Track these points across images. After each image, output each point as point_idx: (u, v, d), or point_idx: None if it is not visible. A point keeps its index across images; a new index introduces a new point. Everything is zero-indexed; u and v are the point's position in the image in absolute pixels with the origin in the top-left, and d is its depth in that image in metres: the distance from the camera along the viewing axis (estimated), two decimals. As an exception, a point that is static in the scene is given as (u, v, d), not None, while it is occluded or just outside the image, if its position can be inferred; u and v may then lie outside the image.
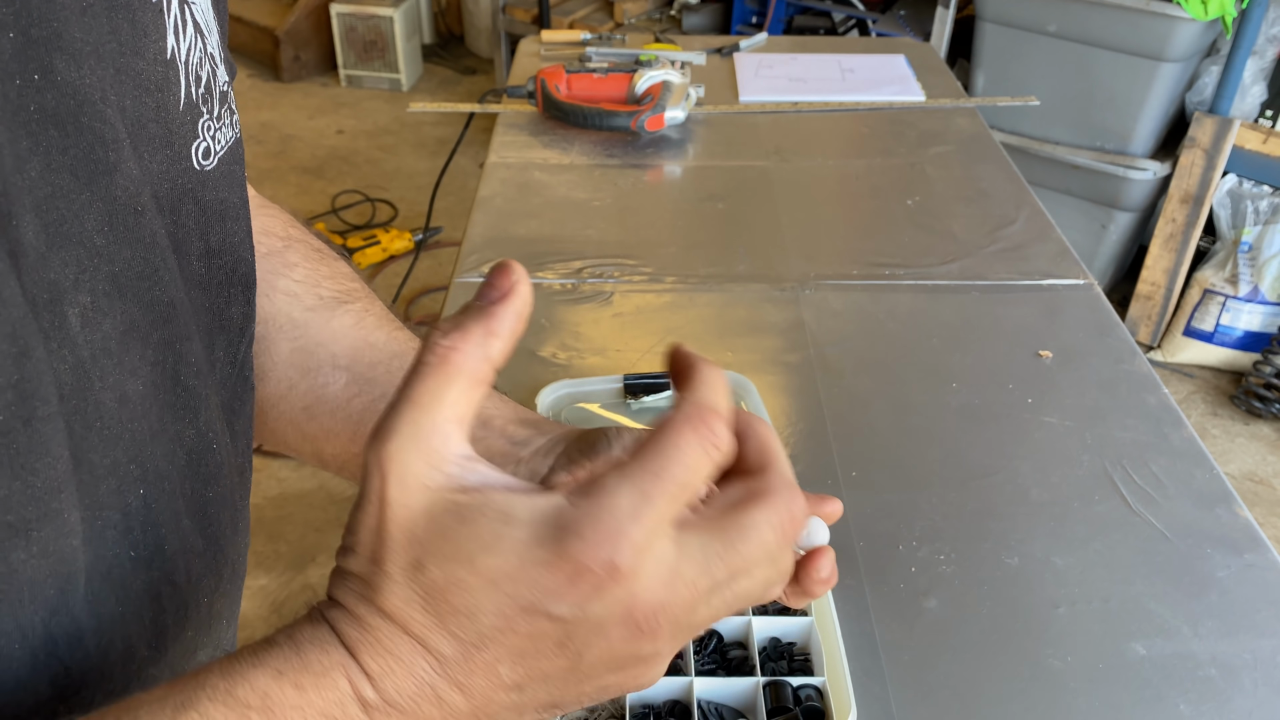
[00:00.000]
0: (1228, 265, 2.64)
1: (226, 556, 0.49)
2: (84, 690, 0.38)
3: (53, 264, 0.34)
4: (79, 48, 0.34)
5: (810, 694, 0.72)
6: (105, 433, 0.38)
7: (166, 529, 0.42)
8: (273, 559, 2.13)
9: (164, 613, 0.43)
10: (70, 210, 0.35)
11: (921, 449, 0.98)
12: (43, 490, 0.33)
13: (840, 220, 1.42)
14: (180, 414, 0.43)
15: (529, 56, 1.89)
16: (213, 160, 0.44)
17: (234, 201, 0.47)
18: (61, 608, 0.36)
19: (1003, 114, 2.78)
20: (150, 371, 0.40)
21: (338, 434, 0.59)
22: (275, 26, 4.26)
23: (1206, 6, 2.40)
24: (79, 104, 0.34)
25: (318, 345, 0.59)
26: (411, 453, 0.34)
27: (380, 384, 0.58)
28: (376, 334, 0.60)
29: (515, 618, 0.33)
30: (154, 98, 0.39)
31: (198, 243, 0.44)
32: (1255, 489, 2.39)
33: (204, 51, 0.43)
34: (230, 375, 0.49)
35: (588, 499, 0.34)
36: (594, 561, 0.33)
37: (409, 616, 0.34)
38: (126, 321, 0.38)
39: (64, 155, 0.34)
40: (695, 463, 0.35)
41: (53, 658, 0.36)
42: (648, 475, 0.34)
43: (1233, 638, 0.80)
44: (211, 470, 0.46)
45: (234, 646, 0.56)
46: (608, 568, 0.33)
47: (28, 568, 0.34)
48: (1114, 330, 1.16)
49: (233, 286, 0.48)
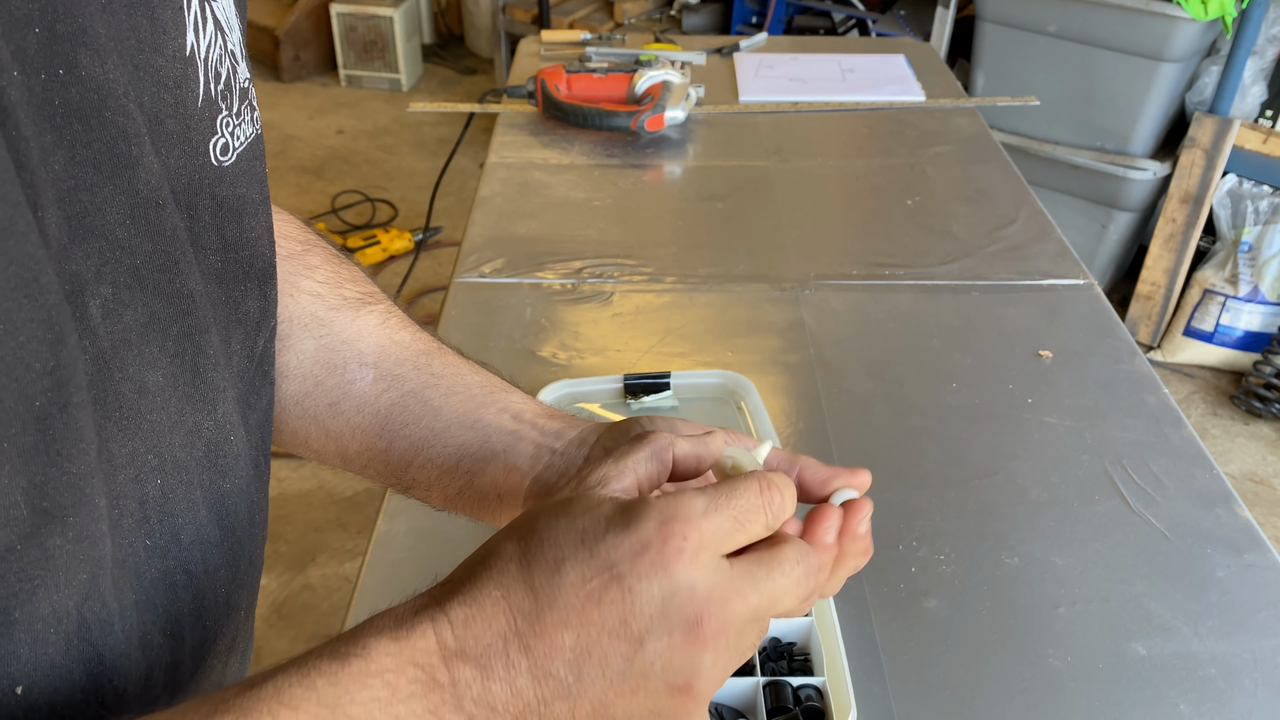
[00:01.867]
0: (1228, 265, 2.64)
1: (243, 548, 0.49)
2: (115, 677, 0.39)
3: (75, 256, 0.35)
4: (102, 43, 0.35)
5: (810, 694, 0.72)
6: (124, 423, 0.38)
7: (183, 519, 0.43)
8: (273, 559, 2.13)
9: (179, 602, 0.43)
10: (93, 203, 0.35)
11: (921, 449, 0.98)
12: (77, 476, 0.34)
13: (840, 220, 1.42)
14: (199, 406, 0.43)
15: (529, 56, 1.89)
16: (231, 156, 0.44)
17: (253, 197, 0.47)
18: (93, 593, 0.37)
19: (1003, 114, 2.78)
20: (169, 363, 0.41)
21: (364, 430, 0.59)
22: (275, 26, 4.25)
23: (1206, 6, 2.40)
24: (102, 99, 0.35)
25: (343, 343, 0.59)
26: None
27: (408, 380, 0.59)
28: (402, 333, 0.61)
29: (591, 576, 0.37)
30: (172, 94, 0.39)
31: (214, 237, 0.44)
32: (1255, 489, 2.39)
33: (224, 49, 0.43)
34: (247, 369, 0.49)
35: (667, 496, 0.39)
36: (661, 537, 0.37)
37: (504, 567, 0.38)
38: (147, 313, 0.39)
39: (88, 149, 0.35)
40: (755, 503, 0.41)
41: (86, 643, 0.37)
42: (720, 493, 0.40)
43: (1233, 638, 0.80)
44: (229, 462, 0.46)
45: (251, 638, 0.56)
46: (674, 547, 0.37)
47: (63, 553, 0.34)
48: (1114, 330, 1.16)
49: (249, 281, 0.48)
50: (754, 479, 0.41)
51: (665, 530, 0.37)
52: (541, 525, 0.39)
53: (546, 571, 0.37)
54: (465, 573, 0.39)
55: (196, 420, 0.43)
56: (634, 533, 0.38)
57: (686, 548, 0.37)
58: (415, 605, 0.38)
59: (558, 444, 0.56)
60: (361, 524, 2.23)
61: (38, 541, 0.33)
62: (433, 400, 0.58)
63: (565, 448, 0.55)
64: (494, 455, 0.56)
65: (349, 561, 2.14)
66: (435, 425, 0.57)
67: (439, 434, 0.57)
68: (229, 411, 0.46)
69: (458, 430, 0.57)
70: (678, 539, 0.37)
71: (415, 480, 0.58)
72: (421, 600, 0.38)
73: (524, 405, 0.58)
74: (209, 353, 0.43)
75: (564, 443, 0.56)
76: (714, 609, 0.38)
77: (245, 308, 0.48)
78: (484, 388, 0.59)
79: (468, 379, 0.59)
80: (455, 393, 0.58)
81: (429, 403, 0.58)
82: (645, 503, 0.39)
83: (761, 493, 0.41)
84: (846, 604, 0.82)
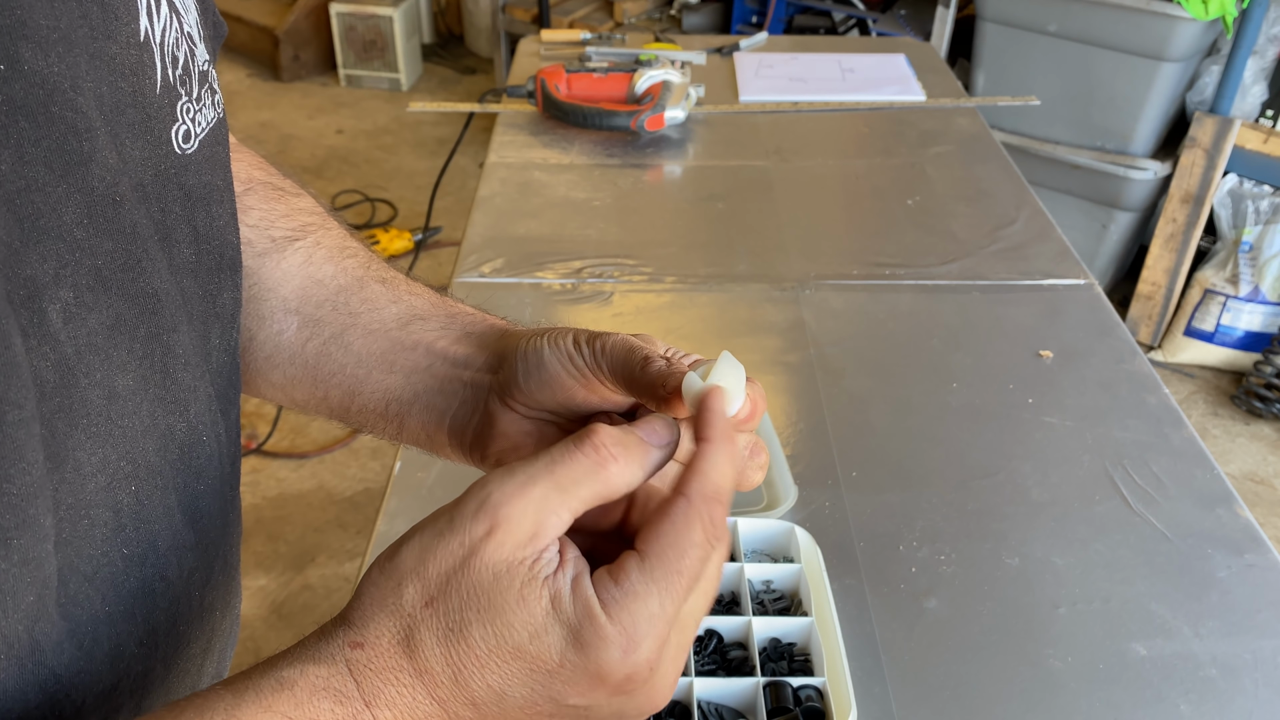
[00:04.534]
0: (1228, 265, 2.64)
1: (217, 549, 0.48)
2: (73, 693, 0.38)
3: (29, 259, 0.33)
4: (45, 35, 0.33)
5: (810, 694, 0.72)
6: (93, 430, 0.37)
7: (159, 525, 0.42)
8: (272, 559, 2.13)
9: (156, 610, 0.42)
10: (46, 203, 0.34)
11: (921, 449, 0.98)
12: (18, 497, 0.33)
13: (840, 220, 1.42)
14: (170, 408, 0.42)
15: (529, 56, 1.89)
16: (193, 143, 0.43)
17: (218, 184, 0.45)
18: (41, 614, 0.35)
19: (1003, 114, 2.78)
20: (139, 366, 0.39)
21: (300, 380, 0.57)
22: (275, 26, 4.25)
23: (1207, 6, 2.40)
24: (48, 93, 0.33)
25: (269, 291, 0.57)
26: (526, 521, 0.37)
27: (328, 324, 0.56)
28: (324, 268, 0.58)
29: (541, 704, 0.36)
30: (129, 82, 0.38)
31: (185, 229, 0.43)
32: (1256, 489, 2.39)
33: (180, 31, 0.42)
34: (225, 363, 0.48)
35: (618, 606, 0.36)
36: (620, 674, 0.36)
37: (437, 680, 0.36)
38: (112, 316, 0.37)
39: (36, 147, 0.33)
40: (701, 554, 0.38)
41: (40, 665, 0.36)
42: (670, 573, 0.37)
43: (1233, 638, 0.79)
44: (202, 463, 0.45)
45: (231, 635, 0.55)
46: (631, 678, 0.37)
47: (8, 577, 0.33)
48: (1114, 330, 1.16)
49: (222, 272, 0.46)
50: (690, 526, 0.38)
51: (619, 669, 0.36)
52: (479, 644, 0.36)
53: (489, 695, 0.36)
54: (384, 658, 0.36)
55: (169, 423, 0.42)
56: (588, 671, 0.36)
57: (641, 676, 0.37)
58: (324, 681, 0.36)
59: (466, 374, 0.53)
60: (361, 524, 2.23)
61: None
62: (353, 345, 0.56)
63: (474, 377, 0.53)
64: (415, 398, 0.54)
65: (349, 561, 2.14)
66: (359, 372, 0.55)
67: (363, 380, 0.55)
68: (200, 411, 0.44)
69: (380, 375, 0.55)
70: (629, 677, 0.37)
71: (362, 423, 0.57)
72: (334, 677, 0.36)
73: (438, 333, 0.55)
74: (178, 352, 0.42)
75: (473, 371, 0.53)
76: (664, 688, 0.38)
77: (221, 300, 0.47)
78: (399, 320, 0.56)
79: (385, 313, 0.56)
80: (372, 332, 0.56)
81: (349, 347, 0.56)
82: (598, 637, 0.36)
83: (707, 540, 0.38)
84: (846, 604, 0.81)
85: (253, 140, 3.48)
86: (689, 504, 0.38)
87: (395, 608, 0.36)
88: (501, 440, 0.51)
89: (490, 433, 0.52)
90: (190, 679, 0.48)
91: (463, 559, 0.36)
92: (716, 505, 0.38)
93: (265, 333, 0.57)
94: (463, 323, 0.56)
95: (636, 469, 0.40)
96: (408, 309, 0.56)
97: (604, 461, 0.38)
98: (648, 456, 0.40)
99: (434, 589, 0.36)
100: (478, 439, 0.53)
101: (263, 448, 2.39)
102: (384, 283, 0.58)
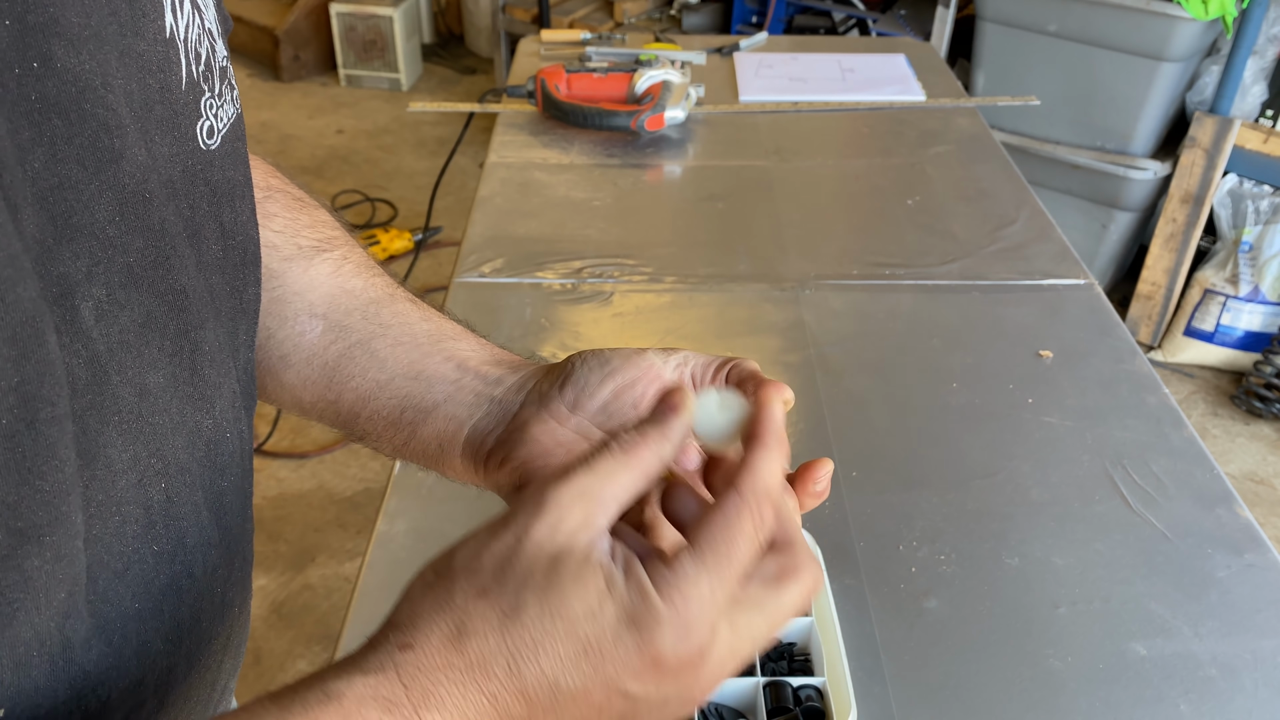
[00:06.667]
0: (1228, 265, 2.64)
1: (238, 545, 0.48)
2: (100, 689, 0.38)
3: (63, 257, 0.33)
4: (77, 33, 0.33)
5: (810, 694, 0.72)
6: (124, 427, 0.37)
7: (187, 522, 0.42)
8: (272, 559, 2.13)
9: (182, 606, 0.43)
10: (79, 201, 0.34)
11: (921, 449, 0.98)
12: (51, 494, 0.33)
13: (840, 220, 1.42)
14: (198, 404, 0.42)
15: (529, 56, 1.89)
16: (216, 139, 0.43)
17: (239, 179, 0.46)
18: (72, 610, 0.36)
19: (1003, 114, 2.78)
20: (169, 363, 0.39)
21: (314, 381, 0.58)
22: (275, 26, 4.25)
23: (1207, 6, 2.40)
24: (80, 91, 0.33)
25: (294, 295, 0.58)
26: (576, 509, 0.38)
27: (355, 330, 0.58)
28: (354, 281, 0.60)
29: (594, 689, 0.36)
30: (157, 79, 0.38)
31: (212, 225, 0.43)
32: (1256, 489, 2.39)
33: (202, 28, 0.42)
34: (249, 360, 0.49)
35: (670, 587, 0.37)
36: (673, 656, 0.36)
37: (490, 672, 0.36)
38: (143, 313, 0.37)
39: (69, 145, 0.33)
40: (752, 546, 0.39)
41: (70, 662, 0.36)
42: (720, 560, 0.38)
43: (1233, 638, 0.80)
44: (226, 460, 0.45)
45: (245, 632, 0.55)
46: (684, 662, 0.37)
47: (42, 574, 0.33)
48: (1114, 330, 1.16)
49: (246, 267, 0.47)
50: (740, 516, 0.39)
51: (671, 651, 0.36)
52: (534, 627, 0.36)
53: (542, 686, 0.36)
54: (435, 656, 0.36)
55: (197, 420, 0.42)
56: (642, 653, 0.36)
57: (694, 661, 0.37)
58: (373, 690, 0.35)
59: (497, 391, 0.55)
60: (361, 524, 2.23)
61: (15, 564, 0.32)
62: (379, 351, 0.57)
63: (504, 395, 0.55)
64: (435, 406, 0.56)
65: (349, 562, 2.14)
66: (380, 377, 0.57)
67: (383, 386, 0.57)
68: (225, 408, 0.45)
69: (402, 382, 0.56)
70: (682, 661, 0.37)
71: (366, 431, 0.58)
72: (382, 685, 0.35)
73: (470, 353, 0.57)
74: (205, 349, 0.42)
75: (503, 389, 0.55)
76: (710, 685, 0.38)
77: (247, 296, 0.47)
78: (431, 337, 0.58)
79: (416, 328, 0.58)
80: (401, 343, 0.57)
81: (375, 354, 0.57)
82: (652, 618, 0.36)
83: (755, 531, 0.39)
84: (846, 604, 0.81)
85: (253, 140, 3.48)
86: (739, 497, 0.39)
87: (446, 604, 0.37)
88: (531, 446, 0.52)
89: (518, 438, 0.53)
90: (210, 675, 0.48)
91: (518, 547, 0.37)
92: (766, 502, 0.40)
93: (285, 332, 0.58)
94: (494, 351, 0.58)
95: (665, 445, 0.42)
96: (438, 328, 0.59)
97: (632, 447, 0.41)
98: (667, 428, 0.43)
99: (488, 579, 0.37)
100: (499, 445, 0.54)
101: (263, 448, 2.39)
102: (414, 303, 0.60)
